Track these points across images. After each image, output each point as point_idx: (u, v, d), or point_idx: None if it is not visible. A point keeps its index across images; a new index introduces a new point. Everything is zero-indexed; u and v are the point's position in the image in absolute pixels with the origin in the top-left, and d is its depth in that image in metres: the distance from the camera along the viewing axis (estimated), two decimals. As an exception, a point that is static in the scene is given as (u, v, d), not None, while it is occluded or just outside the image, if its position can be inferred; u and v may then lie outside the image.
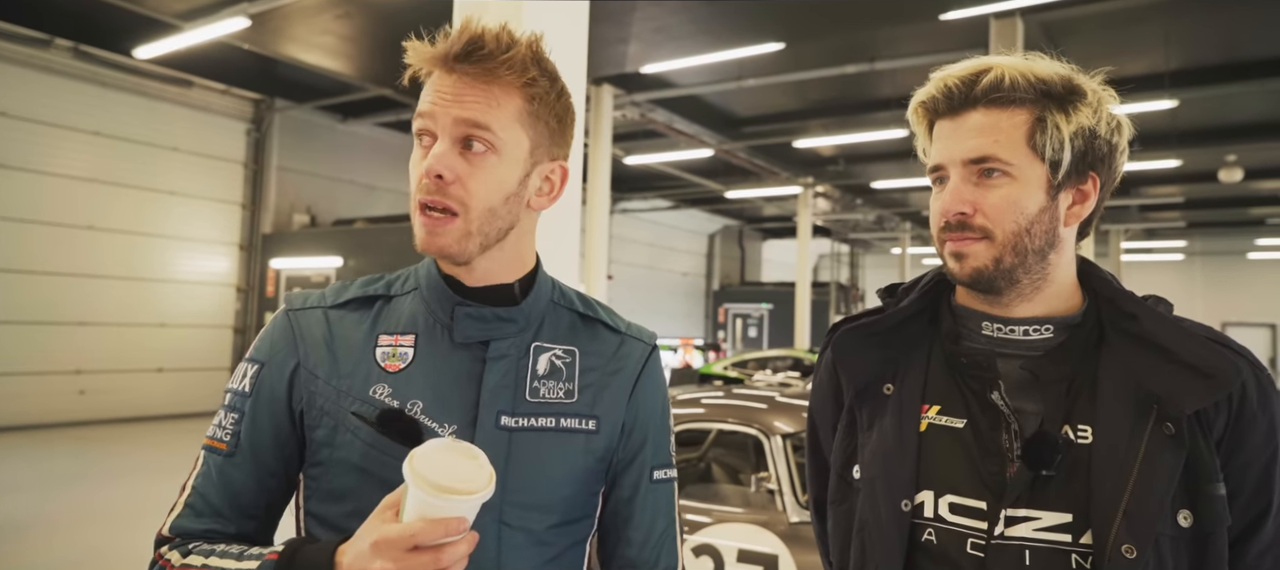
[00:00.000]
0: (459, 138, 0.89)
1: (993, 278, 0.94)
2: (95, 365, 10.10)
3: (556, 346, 0.99)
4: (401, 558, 0.74)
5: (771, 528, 2.95)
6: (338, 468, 0.91)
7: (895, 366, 1.02)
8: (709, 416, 3.48)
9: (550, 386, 0.97)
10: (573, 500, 0.96)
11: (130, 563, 4.72)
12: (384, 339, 0.96)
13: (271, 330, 0.98)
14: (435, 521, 0.74)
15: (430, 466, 0.76)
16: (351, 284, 1.02)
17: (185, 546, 0.89)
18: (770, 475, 3.07)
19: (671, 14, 8.04)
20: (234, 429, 0.94)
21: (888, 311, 1.07)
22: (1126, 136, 0.97)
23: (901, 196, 17.64)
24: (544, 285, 1.02)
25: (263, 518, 0.95)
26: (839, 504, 1.05)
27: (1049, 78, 0.93)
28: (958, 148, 0.94)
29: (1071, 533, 0.88)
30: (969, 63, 0.96)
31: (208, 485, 0.93)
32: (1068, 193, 0.95)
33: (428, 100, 0.90)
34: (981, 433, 0.95)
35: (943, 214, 0.96)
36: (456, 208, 0.89)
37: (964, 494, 0.94)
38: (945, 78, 0.96)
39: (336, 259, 10.75)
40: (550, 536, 0.94)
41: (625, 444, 1.01)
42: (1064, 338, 0.96)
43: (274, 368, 0.95)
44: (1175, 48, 8.84)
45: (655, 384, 1.05)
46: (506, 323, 0.96)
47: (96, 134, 10.07)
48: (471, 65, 0.88)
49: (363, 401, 0.92)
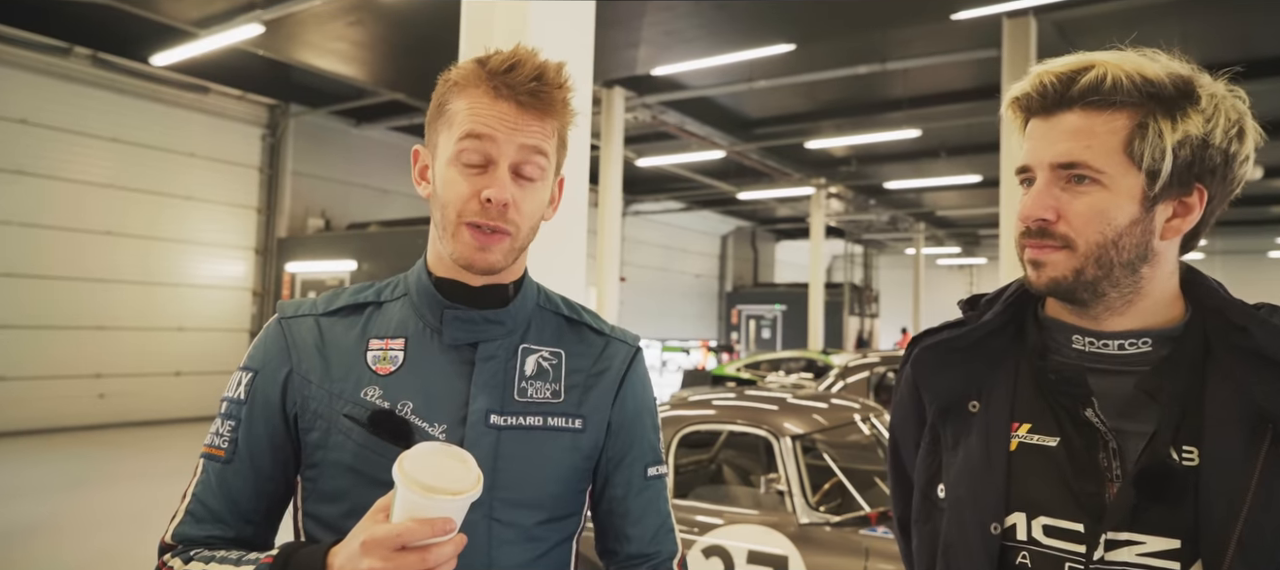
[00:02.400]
0: (516, 164, 0.93)
1: (1073, 289, 0.89)
2: (114, 369, 10.23)
3: (543, 349, 1.02)
4: (389, 557, 0.76)
5: (781, 529, 2.95)
6: (332, 470, 0.94)
7: (980, 383, 0.98)
8: (719, 418, 3.48)
9: (537, 387, 1.00)
10: (560, 497, 0.99)
11: (139, 566, 4.78)
12: (375, 343, 0.98)
13: (264, 338, 1.01)
14: (423, 521, 0.76)
15: (419, 468, 0.78)
16: (342, 292, 1.05)
17: (187, 553, 0.91)
18: (780, 477, 3.07)
19: (681, 17, 8.05)
20: (231, 436, 0.96)
21: (970, 324, 1.01)
22: (1251, 143, 0.88)
23: (915, 197, 17.56)
24: (530, 289, 1.06)
25: (262, 522, 0.98)
26: (923, 523, 1.01)
27: (1157, 79, 0.85)
28: (1047, 150, 0.88)
29: (1180, 560, 0.83)
30: (1072, 58, 0.89)
31: (208, 492, 0.95)
32: (1167, 205, 0.87)
33: (484, 124, 0.92)
34: (1076, 452, 0.90)
35: (1023, 218, 0.90)
36: (509, 229, 0.94)
37: (1058, 516, 0.89)
38: (1043, 74, 0.89)
39: (351, 262, 10.83)
40: (539, 532, 0.97)
41: (613, 443, 1.04)
42: (1166, 351, 0.89)
43: (267, 375, 0.98)
44: (1192, 46, 8.56)
45: (640, 384, 1.09)
46: (494, 325, 0.99)
47: (114, 140, 10.20)
48: (532, 98, 0.92)
49: (354, 404, 0.94)
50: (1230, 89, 0.88)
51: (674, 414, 3.50)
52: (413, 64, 9.65)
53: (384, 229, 11.34)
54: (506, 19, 2.30)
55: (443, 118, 0.97)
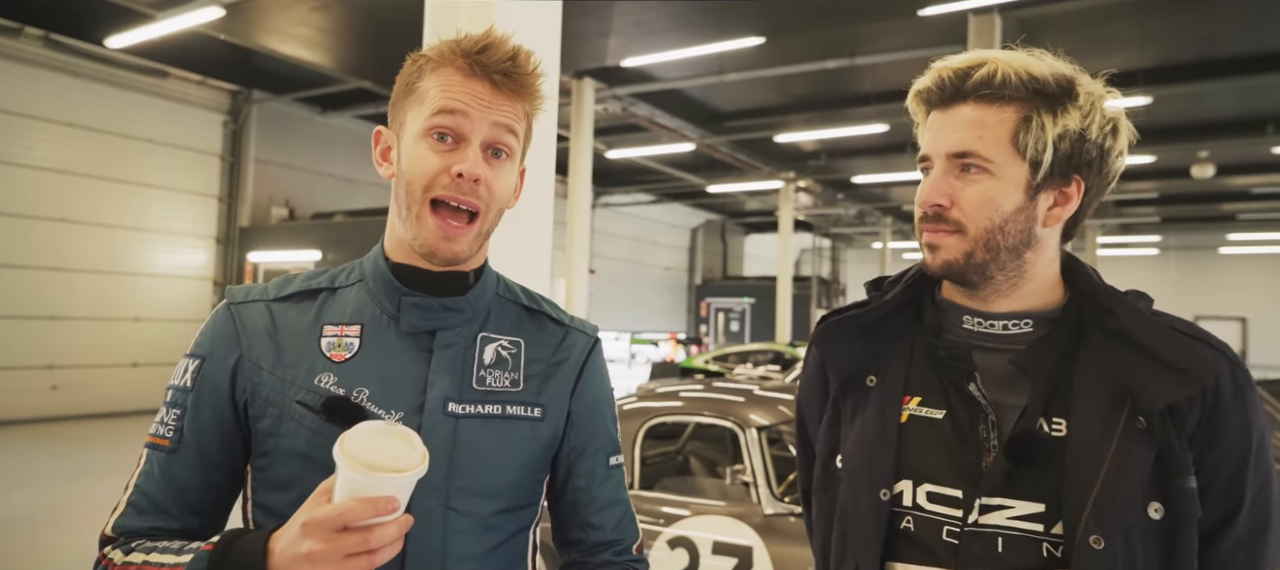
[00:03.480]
0: (489, 142, 0.93)
1: (964, 271, 0.95)
2: (68, 360, 9.95)
3: (502, 337, 1.01)
4: (330, 538, 0.74)
5: (747, 520, 2.97)
6: (283, 457, 0.92)
7: (879, 359, 1.03)
8: (687, 410, 3.49)
9: (496, 376, 0.99)
10: (518, 486, 0.98)
11: (92, 562, 4.66)
12: (329, 329, 0.96)
13: (212, 324, 0.98)
14: (365, 501, 0.74)
15: (361, 446, 0.75)
16: (294, 278, 1.02)
17: (128, 545, 0.88)
18: (746, 468, 3.09)
19: (652, 9, 8.03)
20: (176, 425, 0.94)
21: (872, 304, 1.07)
22: (1124, 140, 0.96)
23: (882, 191, 17.74)
24: (490, 278, 1.04)
25: (209, 513, 0.95)
26: (822, 492, 1.07)
27: (1042, 77, 0.92)
28: (944, 141, 0.94)
29: (1043, 522, 0.90)
30: (967, 55, 0.95)
31: (150, 483, 0.92)
32: (1048, 194, 0.94)
33: (458, 100, 0.91)
34: (960, 424, 0.96)
35: (921, 204, 0.97)
36: (479, 207, 0.93)
37: (941, 483, 0.95)
38: (941, 69, 0.96)
39: (315, 252, 10.65)
40: (496, 522, 0.96)
41: (574, 433, 1.04)
42: (1045, 332, 0.96)
43: (215, 361, 0.95)
44: (1150, 45, 8.96)
45: (599, 375, 1.09)
46: (453, 313, 0.98)
47: (69, 125, 9.90)
48: (505, 77, 0.93)
49: (308, 390, 0.92)
50: (1107, 89, 0.96)
51: (641, 405, 3.50)
52: (379, 51, 9.49)
53: (350, 219, 11.17)
54: (473, 5, 2.27)
55: (412, 96, 0.96)
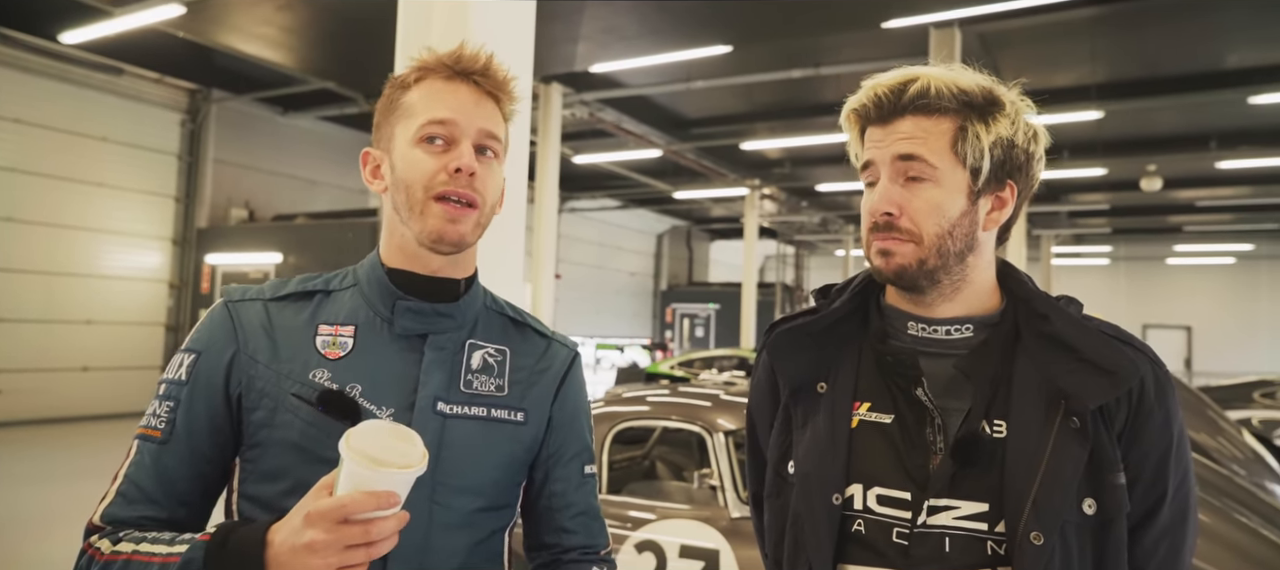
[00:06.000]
0: (476, 143, 0.99)
1: (916, 276, 0.98)
2: (14, 364, 9.62)
3: (489, 345, 1.07)
4: (332, 529, 0.76)
5: (713, 523, 3.00)
6: (276, 448, 0.95)
7: (828, 366, 1.06)
8: (654, 414, 3.51)
9: (483, 380, 1.04)
10: (499, 486, 1.03)
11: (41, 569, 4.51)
12: (324, 328, 1.01)
13: (209, 321, 1.01)
14: (368, 494, 0.77)
15: (366, 442, 0.79)
16: (290, 280, 1.06)
17: (116, 535, 0.89)
18: (713, 471, 3.12)
19: (621, 14, 8.06)
20: (169, 417, 0.96)
21: (821, 312, 1.10)
22: (1043, 146, 1.01)
23: (845, 199, 18.00)
24: (479, 290, 1.10)
25: (197, 505, 0.97)
26: (775, 498, 1.09)
27: (971, 89, 0.97)
28: (889, 148, 0.98)
29: (987, 521, 0.93)
30: (898, 72, 0.99)
31: (141, 473, 0.94)
32: (987, 198, 0.99)
33: (446, 107, 0.98)
34: (908, 427, 0.99)
35: (871, 213, 1.00)
36: (477, 199, 0.99)
37: (890, 486, 0.98)
38: (876, 87, 0.99)
39: (276, 255, 10.46)
40: (477, 519, 1.01)
41: (553, 439, 1.10)
42: (985, 336, 1.00)
43: (211, 356, 0.98)
44: (1101, 62, 9.26)
45: (578, 386, 1.15)
46: (445, 318, 1.03)
47: (17, 121, 9.59)
48: (488, 83, 1.01)
49: (303, 384, 0.96)
50: (1022, 98, 1.01)
51: (608, 410, 3.52)
52: (344, 51, 9.38)
53: (312, 221, 11.00)
54: (445, 11, 2.27)
55: (396, 112, 1.01)
